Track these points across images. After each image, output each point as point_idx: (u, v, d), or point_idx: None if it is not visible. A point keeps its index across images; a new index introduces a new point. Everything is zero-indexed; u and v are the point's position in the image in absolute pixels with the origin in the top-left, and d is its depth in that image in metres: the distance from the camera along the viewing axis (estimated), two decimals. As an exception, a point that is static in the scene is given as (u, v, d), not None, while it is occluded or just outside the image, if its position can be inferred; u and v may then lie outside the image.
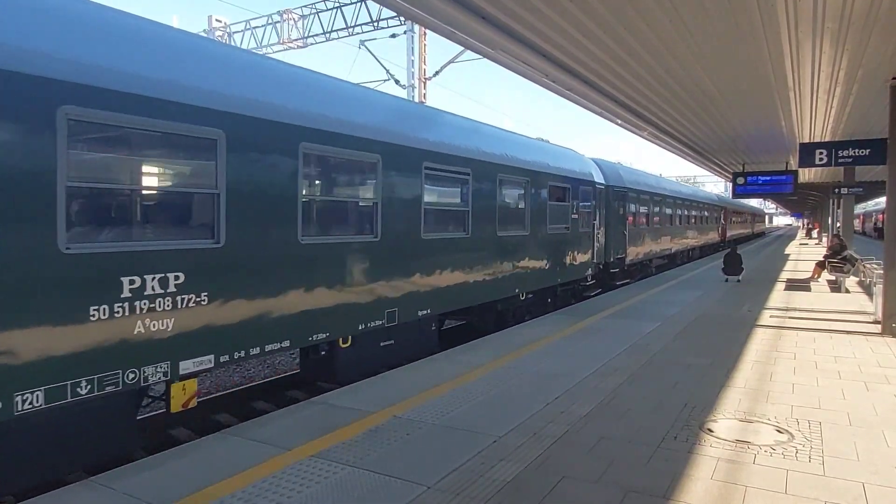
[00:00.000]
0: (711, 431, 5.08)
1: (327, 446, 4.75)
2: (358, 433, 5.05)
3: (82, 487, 4.08)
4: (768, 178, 17.90)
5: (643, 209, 19.77)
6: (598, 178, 15.66)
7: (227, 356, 5.69)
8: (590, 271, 14.74)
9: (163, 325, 5.09)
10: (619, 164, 19.54)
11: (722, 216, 38.39)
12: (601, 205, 15.71)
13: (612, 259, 16.51)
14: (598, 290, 15.76)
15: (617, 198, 17.00)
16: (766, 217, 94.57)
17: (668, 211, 23.38)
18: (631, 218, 18.10)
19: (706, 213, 32.63)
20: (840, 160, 11.95)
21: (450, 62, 22.68)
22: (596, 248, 15.07)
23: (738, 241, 44.05)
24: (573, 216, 13.54)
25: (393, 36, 22.12)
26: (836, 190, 22.32)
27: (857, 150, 11.74)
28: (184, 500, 3.86)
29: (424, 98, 22.52)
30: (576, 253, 13.76)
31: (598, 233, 15.35)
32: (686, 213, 27.09)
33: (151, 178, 5.66)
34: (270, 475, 4.22)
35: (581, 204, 14.05)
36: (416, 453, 4.61)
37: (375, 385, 6.57)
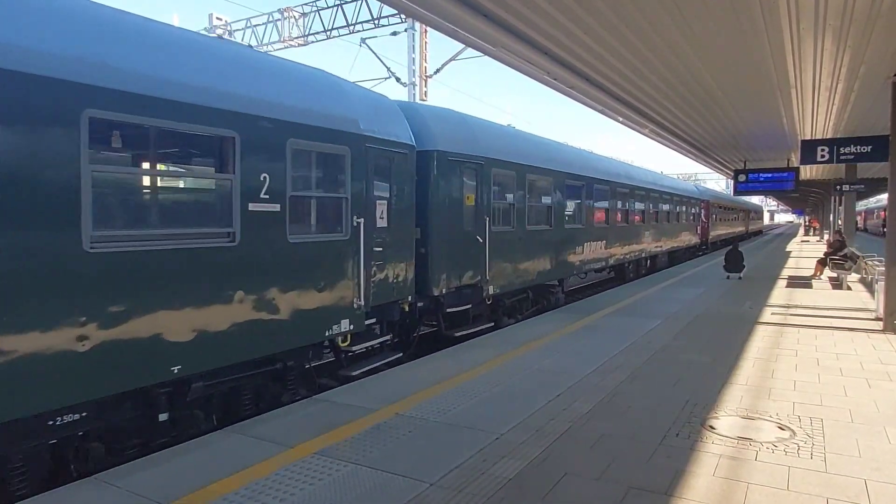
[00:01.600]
0: (713, 428, 5.08)
1: (330, 444, 4.77)
2: (360, 430, 5.06)
3: (87, 485, 4.09)
4: (770, 175, 17.93)
5: (538, 200, 12.59)
6: (392, 132, 8.08)
7: None
8: (345, 326, 7.13)
9: None
10: (478, 119, 11.30)
11: (703, 212, 30.90)
12: (399, 186, 8.22)
13: (445, 289, 9.28)
14: (383, 359, 8.06)
15: (459, 176, 9.63)
16: (767, 214, 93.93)
17: (603, 204, 16.11)
18: (502, 213, 11.00)
19: (677, 207, 24.78)
20: (842, 157, 11.94)
21: (451, 60, 22.66)
22: (374, 276, 7.63)
23: (727, 241, 34.45)
24: (258, 206, 5.98)
25: (394, 34, 22.10)
26: (838, 187, 22.29)
27: (858, 147, 11.72)
28: (187, 498, 3.88)
29: (425, 96, 22.51)
30: (274, 294, 6.19)
31: (387, 242, 7.91)
32: (640, 206, 19.45)
33: None
34: (273, 472, 4.24)
35: (292, 180, 6.43)
36: (418, 450, 4.62)
37: (378, 383, 6.59)
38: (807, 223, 65.29)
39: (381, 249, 7.76)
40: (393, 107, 8.64)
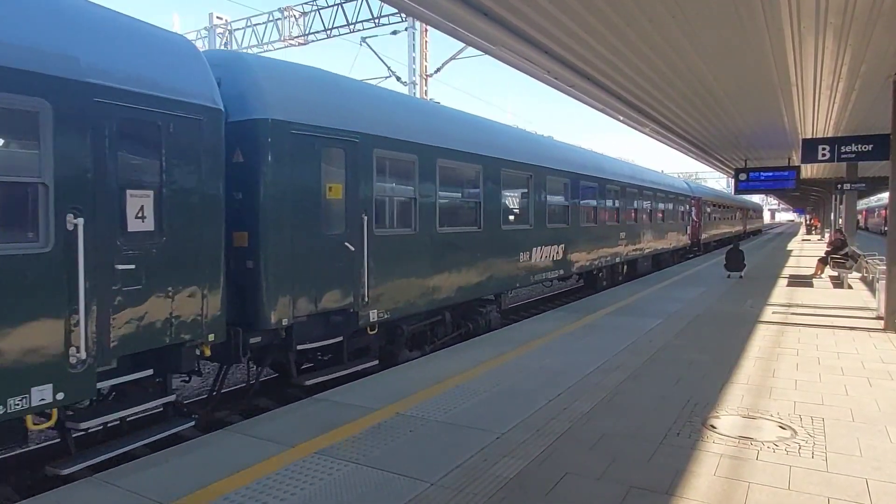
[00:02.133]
0: (714, 428, 5.08)
1: (331, 443, 4.76)
2: (361, 430, 5.06)
3: (87, 484, 4.09)
4: (770, 173, 17.96)
5: (459, 194, 10.01)
6: (169, 85, 5.38)
7: None
8: (45, 396, 4.38)
9: None
10: (355, 81, 8.90)
11: (693, 210, 28.11)
12: (186, 169, 5.52)
13: (291, 318, 6.66)
14: (161, 432, 5.58)
15: (314, 158, 6.92)
16: (768, 213, 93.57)
17: (561, 200, 13.38)
18: (396, 210, 8.41)
19: (662, 204, 22.01)
20: (843, 156, 11.93)
21: (451, 59, 22.70)
22: (122, 309, 4.94)
23: (724, 242, 34.21)
24: None
25: (394, 33, 22.13)
26: (839, 186, 22.27)
27: (859, 146, 11.71)
28: (188, 498, 3.87)
29: (426, 95, 22.50)
30: None
31: (152, 256, 5.20)
32: (614, 204, 16.74)
33: None
34: (274, 472, 4.24)
35: None
36: (419, 450, 4.62)
37: (379, 382, 6.58)
38: (808, 222, 65.24)
39: (134, 267, 4.98)
40: (181, 47, 5.77)
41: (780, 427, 5.12)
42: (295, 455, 4.54)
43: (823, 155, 12.14)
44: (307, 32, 22.49)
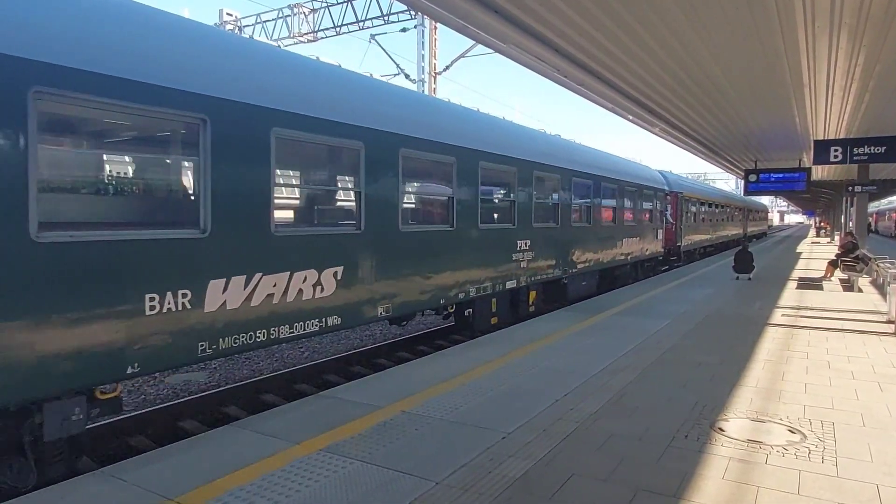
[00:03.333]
0: (723, 431, 5.03)
1: (336, 440, 4.75)
2: (367, 428, 5.04)
3: (93, 478, 4.10)
4: (781, 175, 17.86)
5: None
6: None
7: None
8: None
9: None
10: None
11: (669, 209, 21.91)
12: None
13: None
14: None
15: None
16: (777, 214, 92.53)
17: (346, 184, 7.94)
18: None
19: (612, 199, 15.56)
20: (855, 157, 11.85)
21: (460, 56, 22.64)
22: None
23: (718, 248, 30.25)
24: None
25: (403, 30, 22.10)
26: (850, 188, 22.07)
27: (872, 148, 11.64)
28: (192, 493, 3.87)
29: (434, 92, 22.47)
30: None
31: None
32: (503, 195, 11.07)
33: None
34: (279, 469, 4.23)
35: None
36: (424, 449, 4.60)
37: (384, 380, 6.57)
38: (817, 224, 64.75)
39: None
40: None
41: (790, 431, 5.07)
42: (300, 452, 4.53)
43: (835, 156, 12.06)
44: (316, 29, 22.52)
